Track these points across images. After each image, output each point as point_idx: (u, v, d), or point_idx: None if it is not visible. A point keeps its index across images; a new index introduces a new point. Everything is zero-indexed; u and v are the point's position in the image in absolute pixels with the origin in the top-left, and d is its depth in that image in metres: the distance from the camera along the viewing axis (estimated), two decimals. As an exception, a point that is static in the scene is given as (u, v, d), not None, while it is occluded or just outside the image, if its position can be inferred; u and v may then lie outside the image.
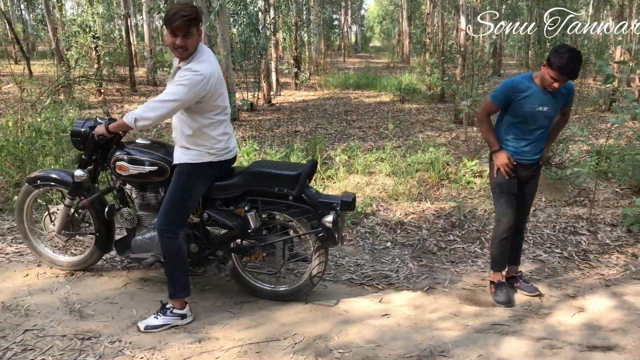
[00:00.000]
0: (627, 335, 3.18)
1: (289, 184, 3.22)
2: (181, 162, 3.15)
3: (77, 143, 3.46)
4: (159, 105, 2.93)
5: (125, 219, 3.48)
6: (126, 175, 3.33)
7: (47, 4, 15.77)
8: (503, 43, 25.97)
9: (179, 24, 2.85)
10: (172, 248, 3.13)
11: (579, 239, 4.73)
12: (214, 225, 3.30)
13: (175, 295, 3.20)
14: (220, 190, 3.29)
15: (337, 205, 3.25)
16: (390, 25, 49.40)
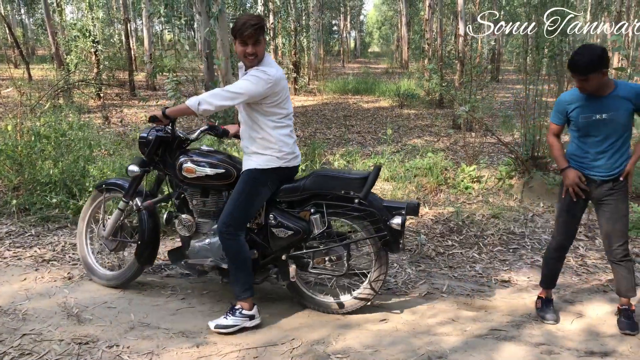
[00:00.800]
0: (625, 342, 3.19)
1: (356, 187, 3.21)
2: (250, 167, 3.21)
3: (142, 147, 3.50)
4: (225, 93, 3.03)
5: (184, 226, 3.45)
6: (191, 178, 3.32)
7: (47, 9, 15.80)
8: (501, 49, 26.05)
9: (249, 33, 2.99)
10: (235, 249, 3.17)
11: (577, 245, 4.73)
12: (280, 227, 3.24)
13: (240, 296, 3.22)
14: (287, 192, 3.30)
15: (404, 209, 3.25)
16: (389, 30, 49.54)
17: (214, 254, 3.38)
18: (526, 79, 7.52)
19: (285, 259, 3.37)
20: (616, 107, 3.09)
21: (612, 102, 3.10)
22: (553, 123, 3.39)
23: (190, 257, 3.46)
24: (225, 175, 3.30)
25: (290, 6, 17.89)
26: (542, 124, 6.57)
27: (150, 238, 3.57)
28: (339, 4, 38.24)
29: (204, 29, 9.04)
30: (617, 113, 3.09)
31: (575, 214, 3.36)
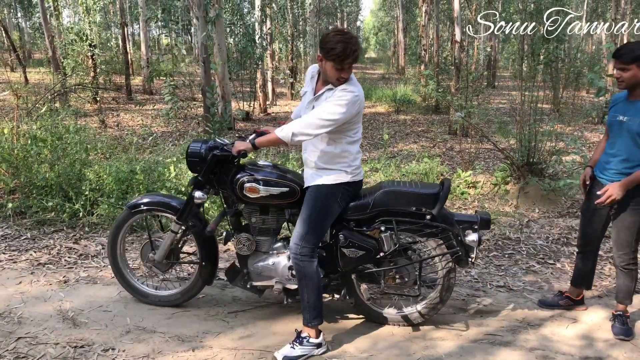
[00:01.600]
0: (620, 347, 3.20)
1: (428, 203, 3.11)
2: (318, 183, 3.07)
3: (193, 165, 3.24)
4: (319, 122, 2.87)
5: (244, 245, 3.28)
6: (255, 198, 3.15)
7: (44, 12, 15.78)
8: (497, 55, 26.17)
9: (352, 60, 2.86)
10: (309, 272, 3.01)
11: (572, 250, 4.75)
12: (351, 247, 3.12)
13: (311, 322, 3.06)
14: (355, 210, 3.15)
15: (476, 224, 3.17)
16: (385, 36, 49.68)
17: (279, 274, 3.25)
18: (522, 85, 7.56)
19: (355, 278, 3.28)
20: (638, 113, 3.09)
21: (636, 108, 3.11)
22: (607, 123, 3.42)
23: (253, 278, 3.31)
24: (289, 193, 3.14)
25: (287, 11, 17.94)
26: (538, 130, 6.61)
27: (212, 258, 3.47)
28: (335, 10, 38.33)
29: (201, 34, 9.07)
30: (634, 119, 3.08)
31: (587, 216, 3.44)
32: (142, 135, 9.85)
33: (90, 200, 5.19)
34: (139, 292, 3.60)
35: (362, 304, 3.37)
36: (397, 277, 3.26)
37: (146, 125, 11.15)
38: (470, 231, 3.14)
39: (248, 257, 3.32)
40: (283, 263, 3.23)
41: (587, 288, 3.66)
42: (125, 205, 3.51)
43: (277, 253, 3.29)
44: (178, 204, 3.40)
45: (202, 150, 3.20)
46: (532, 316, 3.58)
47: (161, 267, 3.50)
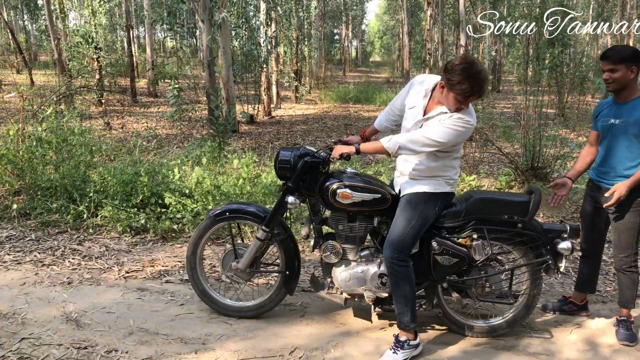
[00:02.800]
0: (624, 353, 3.19)
1: (519, 211, 3.12)
2: (418, 191, 3.06)
3: (284, 171, 3.25)
4: (426, 140, 2.87)
5: (331, 253, 3.25)
6: (346, 204, 3.12)
7: (50, 15, 15.88)
8: (502, 59, 26.16)
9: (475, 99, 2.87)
10: (406, 277, 3.01)
11: (576, 255, 4.72)
12: (444, 254, 3.10)
13: (409, 326, 3.06)
14: (448, 218, 3.14)
15: (566, 232, 3.18)
16: (390, 40, 49.75)
17: (368, 282, 3.21)
18: (526, 90, 7.55)
19: (441, 288, 3.27)
20: (630, 114, 3.12)
21: (629, 110, 3.13)
22: (591, 129, 3.46)
23: (341, 286, 3.25)
24: (381, 200, 3.13)
25: (292, 15, 17.98)
26: (542, 134, 6.60)
27: (296, 266, 3.43)
28: (340, 13, 38.45)
29: (206, 37, 9.09)
30: (627, 120, 3.11)
31: (586, 220, 3.46)
32: (147, 137, 9.88)
33: (95, 202, 5.21)
34: (218, 304, 3.52)
35: (448, 314, 3.35)
36: (487, 286, 3.25)
37: (151, 127, 11.18)
38: (559, 240, 3.16)
39: (334, 265, 3.29)
40: (372, 271, 3.19)
41: (591, 292, 3.66)
42: (208, 213, 3.46)
43: (365, 261, 3.25)
44: (262, 212, 3.41)
45: (292, 157, 3.22)
46: (535, 321, 3.57)
47: (244, 276, 3.44)
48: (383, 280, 3.18)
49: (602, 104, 3.37)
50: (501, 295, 3.29)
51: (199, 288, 3.51)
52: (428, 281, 3.23)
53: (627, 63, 3.06)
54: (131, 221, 4.98)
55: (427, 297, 3.29)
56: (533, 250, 3.18)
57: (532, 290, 3.29)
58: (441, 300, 3.30)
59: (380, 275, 3.18)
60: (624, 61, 3.06)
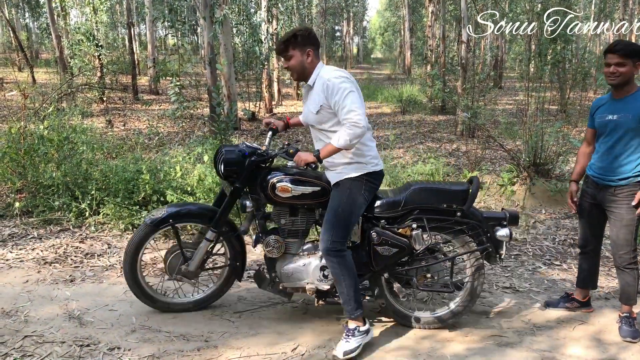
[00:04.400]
0: (627, 349, 3.18)
1: (458, 200, 3.15)
2: (341, 178, 3.09)
3: (230, 173, 3.21)
4: (357, 117, 2.87)
5: (274, 247, 3.25)
6: (286, 197, 3.14)
7: (51, 13, 15.88)
8: (504, 56, 26.10)
9: (279, 49, 3.06)
10: (344, 266, 3.03)
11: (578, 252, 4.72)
12: (384, 245, 3.12)
13: (354, 314, 3.07)
14: (387, 208, 3.17)
15: (505, 220, 3.22)
16: (392, 37, 49.64)
17: (310, 275, 3.22)
18: (528, 86, 7.53)
19: (384, 279, 3.28)
20: (628, 109, 3.11)
21: (627, 105, 3.13)
22: (588, 127, 3.46)
23: (283, 280, 3.26)
24: (321, 192, 3.16)
25: (293, 12, 17.95)
26: (544, 131, 6.58)
27: (242, 255, 3.48)
28: (342, 10, 38.39)
29: (207, 34, 9.08)
30: (626, 115, 3.10)
31: (584, 216, 3.48)
32: (148, 135, 9.88)
33: (97, 200, 5.21)
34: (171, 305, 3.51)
35: (391, 306, 3.36)
36: (429, 276, 3.28)
37: (152, 125, 11.18)
38: (499, 227, 3.20)
39: (277, 260, 3.30)
40: (314, 264, 3.21)
41: (593, 288, 3.65)
42: (146, 220, 3.35)
43: (308, 254, 3.27)
44: (205, 211, 3.40)
45: (238, 157, 3.20)
46: (538, 318, 3.56)
47: (192, 276, 3.42)
48: (325, 273, 3.19)
49: (599, 101, 3.36)
50: (443, 285, 3.30)
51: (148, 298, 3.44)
52: (370, 272, 3.24)
53: (634, 58, 3.07)
54: (133, 219, 4.99)
55: (370, 288, 3.32)
56: (473, 239, 3.21)
57: (475, 279, 3.31)
58: (384, 291, 3.31)
59: (322, 267, 3.20)
60: (632, 56, 3.07)
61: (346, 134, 2.89)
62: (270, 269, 3.34)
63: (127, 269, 3.35)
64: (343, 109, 2.91)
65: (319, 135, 3.17)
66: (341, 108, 2.92)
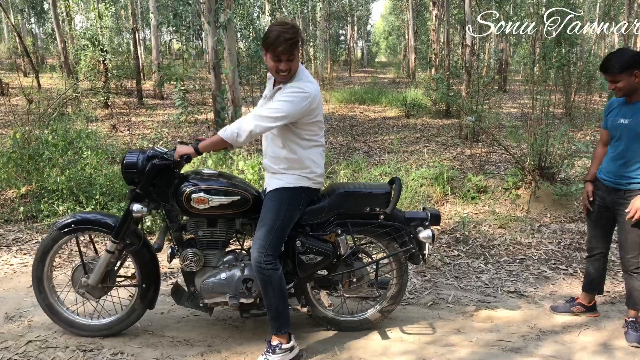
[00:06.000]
0: (634, 354, 3.16)
1: (381, 203, 3.12)
2: (278, 187, 2.95)
3: (130, 176, 2.98)
4: (263, 119, 2.75)
5: (191, 261, 3.05)
6: (203, 209, 2.95)
7: (56, 18, 15.96)
8: (509, 59, 26.06)
9: (283, 49, 2.71)
10: (275, 280, 2.88)
11: (584, 255, 4.68)
12: (309, 253, 3.03)
13: (281, 330, 2.97)
14: (311, 215, 3.06)
15: (427, 220, 3.20)
16: (396, 40, 49.68)
17: (232, 289, 3.05)
18: (533, 89, 7.51)
19: (309, 286, 3.23)
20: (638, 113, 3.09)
21: (638, 109, 3.10)
22: (602, 127, 3.43)
23: (204, 295, 3.07)
24: (241, 202, 2.98)
25: (297, 16, 17.99)
26: (549, 134, 6.56)
27: (154, 278, 3.20)
28: (346, 14, 38.44)
29: (211, 39, 9.10)
30: (637, 120, 3.08)
31: (592, 219, 3.46)
32: (153, 139, 9.90)
33: (101, 204, 5.22)
34: (71, 324, 3.23)
35: (318, 312, 3.31)
36: (354, 280, 3.23)
37: (157, 129, 11.20)
38: (421, 228, 3.17)
39: (195, 274, 3.11)
40: (236, 276, 3.04)
41: (599, 293, 3.62)
42: (52, 226, 3.12)
43: (229, 267, 3.09)
44: (113, 222, 3.11)
45: (139, 161, 2.96)
46: (543, 322, 3.54)
47: (96, 292, 3.14)
48: (248, 285, 3.05)
49: (613, 101, 3.32)
50: (369, 288, 3.25)
51: (52, 311, 3.20)
52: (294, 280, 3.17)
53: (628, 71, 3.02)
54: (137, 223, 4.99)
55: (296, 296, 3.24)
56: (397, 240, 3.19)
57: (399, 280, 3.30)
58: (310, 298, 3.26)
59: (245, 280, 3.05)
60: (625, 70, 3.02)
61: (238, 124, 2.75)
62: (189, 283, 3.14)
63: (33, 275, 3.15)
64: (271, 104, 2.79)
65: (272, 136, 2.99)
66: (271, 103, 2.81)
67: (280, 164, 2.96)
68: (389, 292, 3.35)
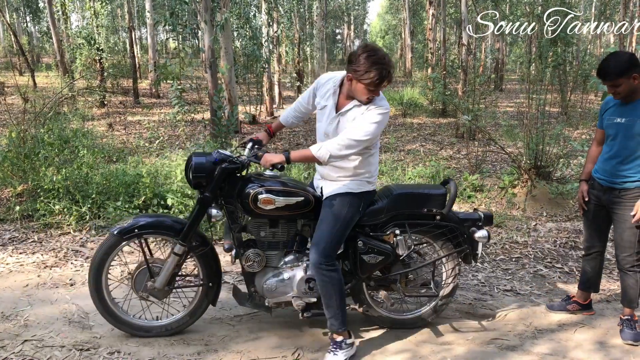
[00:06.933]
0: (629, 352, 3.17)
1: (438, 203, 3.17)
2: (342, 192, 3.01)
3: (199, 179, 3.01)
4: (353, 143, 2.81)
5: (254, 262, 3.10)
6: (269, 209, 2.99)
7: (52, 17, 15.92)
8: (505, 58, 26.11)
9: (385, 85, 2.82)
10: (335, 281, 2.96)
11: (580, 254, 4.70)
12: (370, 253, 3.10)
13: (341, 328, 3.03)
14: (371, 216, 3.13)
15: (480, 221, 3.26)
16: (392, 40, 49.68)
17: (295, 289, 3.11)
18: (529, 88, 7.53)
19: (365, 286, 3.28)
20: (636, 114, 3.09)
21: (635, 109, 3.10)
22: (597, 127, 3.44)
23: (266, 295, 3.12)
24: (304, 203, 3.03)
25: (294, 15, 17.98)
26: (545, 133, 6.58)
27: (217, 276, 3.26)
28: (342, 13, 38.44)
29: (208, 38, 9.09)
30: (633, 119, 3.08)
31: (589, 219, 3.47)
32: (149, 138, 9.88)
33: (97, 204, 5.21)
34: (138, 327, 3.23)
35: (374, 312, 3.36)
36: (412, 279, 3.28)
37: (153, 128, 11.19)
38: (475, 228, 3.22)
39: (256, 275, 3.16)
40: (299, 277, 3.11)
41: (595, 291, 3.64)
42: (112, 231, 3.14)
43: (291, 267, 3.16)
44: (175, 224, 3.16)
45: (207, 165, 2.99)
46: (539, 320, 3.55)
47: (160, 294, 3.18)
48: (310, 285, 3.10)
49: (609, 101, 3.31)
50: (425, 287, 3.31)
51: (111, 315, 3.17)
52: (354, 280, 3.21)
53: (626, 75, 3.00)
54: (134, 222, 4.98)
55: (353, 296, 3.29)
56: (451, 241, 3.24)
57: (452, 278, 3.35)
58: (366, 298, 3.30)
59: (307, 280, 3.10)
60: (623, 74, 3.00)
61: (333, 147, 2.80)
62: (249, 283, 3.19)
63: (91, 282, 3.11)
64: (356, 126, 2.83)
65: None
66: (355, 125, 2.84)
67: (343, 173, 3.03)
68: (443, 291, 3.39)
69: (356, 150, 2.85)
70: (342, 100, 2.97)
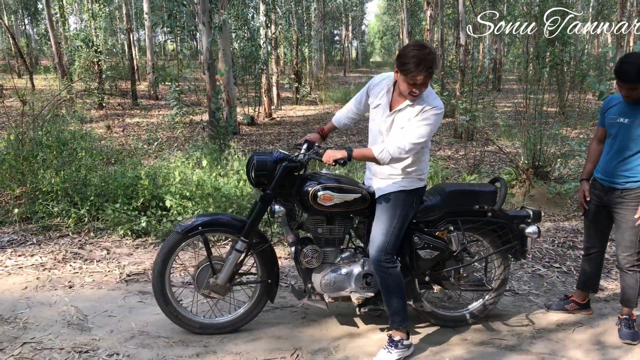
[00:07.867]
0: (627, 351, 3.18)
1: (489, 200, 3.25)
2: (396, 190, 3.05)
3: (261, 178, 3.09)
4: (412, 146, 2.87)
5: (312, 258, 3.16)
6: (328, 206, 3.06)
7: (50, 19, 15.91)
8: (503, 58, 26.13)
9: (424, 76, 2.77)
10: (396, 277, 3.02)
11: (578, 254, 4.72)
12: (426, 248, 3.16)
13: (402, 325, 3.07)
14: (425, 213, 3.21)
15: (529, 217, 3.33)
16: (390, 40, 49.74)
17: (353, 284, 3.18)
18: (527, 89, 7.54)
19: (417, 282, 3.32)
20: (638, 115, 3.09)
21: (639, 110, 3.10)
22: (597, 125, 3.45)
23: (325, 290, 3.18)
24: (361, 199, 3.11)
25: (292, 16, 18.00)
26: (543, 133, 6.59)
27: (275, 273, 3.32)
28: (340, 14, 38.44)
29: (206, 39, 9.10)
30: (636, 121, 3.08)
31: (589, 218, 3.47)
32: (147, 140, 9.88)
33: (96, 206, 5.21)
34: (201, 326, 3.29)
35: (427, 308, 3.41)
36: (464, 275, 3.34)
37: (151, 130, 11.19)
38: (525, 225, 3.31)
39: (313, 270, 3.22)
40: (357, 272, 3.18)
41: (594, 292, 3.64)
42: (176, 229, 3.21)
43: (348, 263, 3.23)
44: (236, 222, 3.26)
45: (269, 163, 3.08)
46: (537, 320, 3.56)
47: (222, 291, 3.24)
48: (368, 280, 3.18)
49: (612, 99, 3.31)
50: (476, 283, 3.40)
51: (173, 313, 3.24)
52: (409, 276, 3.25)
53: None
54: (132, 224, 4.98)
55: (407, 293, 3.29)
56: (501, 237, 3.31)
57: (504, 275, 3.43)
58: (418, 293, 3.34)
59: (365, 275, 3.18)
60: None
61: (394, 150, 2.86)
62: (306, 279, 3.26)
63: (155, 280, 3.18)
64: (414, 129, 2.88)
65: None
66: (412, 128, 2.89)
67: (396, 171, 3.06)
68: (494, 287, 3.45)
69: (414, 153, 2.93)
70: (396, 98, 3.03)
